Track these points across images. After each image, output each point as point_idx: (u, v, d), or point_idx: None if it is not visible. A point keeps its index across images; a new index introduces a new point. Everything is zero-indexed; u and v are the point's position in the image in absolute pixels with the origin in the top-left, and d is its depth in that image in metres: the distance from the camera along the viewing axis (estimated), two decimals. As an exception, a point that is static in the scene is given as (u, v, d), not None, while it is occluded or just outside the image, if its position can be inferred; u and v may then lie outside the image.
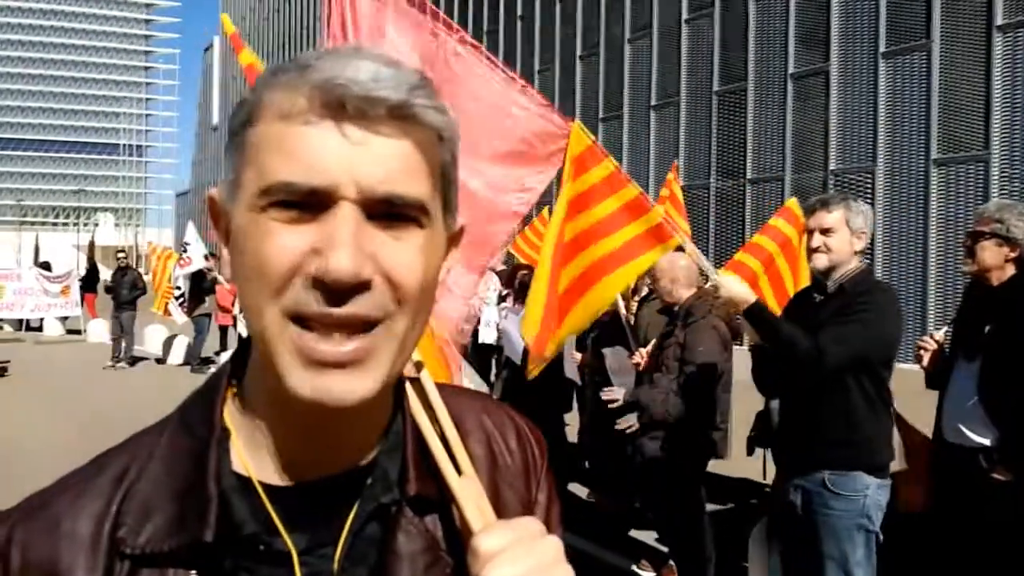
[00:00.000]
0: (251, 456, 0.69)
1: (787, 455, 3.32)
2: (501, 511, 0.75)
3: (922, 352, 3.53)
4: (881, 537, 3.11)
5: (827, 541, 3.07)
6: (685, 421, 4.12)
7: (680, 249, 3.82)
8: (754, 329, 3.12)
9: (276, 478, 0.69)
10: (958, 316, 3.51)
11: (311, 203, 0.62)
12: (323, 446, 0.69)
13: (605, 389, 4.58)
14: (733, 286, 3.10)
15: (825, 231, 3.11)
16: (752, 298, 3.07)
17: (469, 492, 0.71)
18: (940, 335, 3.60)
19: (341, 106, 0.62)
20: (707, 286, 3.25)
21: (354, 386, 0.62)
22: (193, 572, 0.65)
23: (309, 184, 0.61)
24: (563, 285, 3.68)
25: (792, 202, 5.68)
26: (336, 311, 0.61)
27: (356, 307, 0.61)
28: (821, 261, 3.12)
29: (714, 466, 4.43)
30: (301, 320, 0.62)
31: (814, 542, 3.11)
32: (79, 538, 0.66)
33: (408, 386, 0.76)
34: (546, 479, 0.84)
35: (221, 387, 0.72)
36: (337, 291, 0.60)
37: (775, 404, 4.03)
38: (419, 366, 0.76)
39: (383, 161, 0.63)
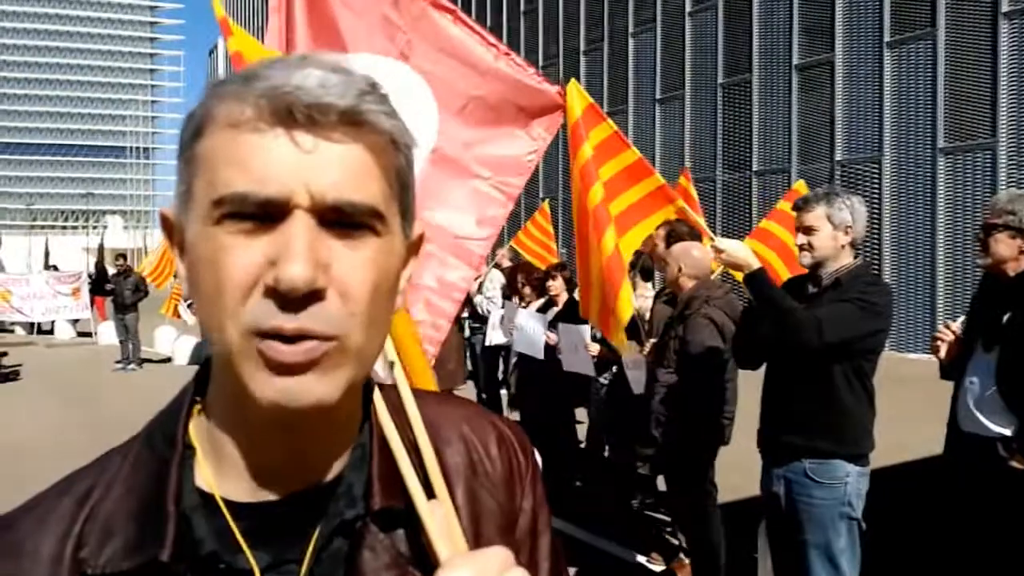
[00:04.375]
0: (216, 473, 0.69)
1: (768, 444, 3.35)
2: (481, 521, 0.75)
3: (939, 343, 3.51)
4: (864, 525, 3.15)
5: (810, 529, 3.13)
6: (693, 413, 4.12)
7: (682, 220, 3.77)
8: (753, 296, 3.16)
9: (241, 495, 0.68)
10: (973, 306, 3.49)
11: (264, 214, 0.61)
12: (287, 460, 0.69)
13: (646, 343, 4.57)
14: (736, 250, 3.13)
15: (806, 229, 3.18)
16: (755, 264, 3.10)
17: (438, 518, 0.69)
18: (956, 326, 3.57)
19: (290, 114, 0.61)
20: (708, 247, 3.27)
21: (313, 388, 0.62)
22: None
23: (262, 195, 0.61)
24: (607, 252, 3.53)
25: (800, 184, 5.70)
26: (287, 325, 0.60)
27: (307, 321, 0.61)
28: (805, 259, 3.21)
29: (724, 456, 4.42)
30: (259, 333, 0.62)
31: (798, 531, 3.16)
32: (41, 559, 0.67)
33: (377, 396, 0.75)
34: (532, 485, 0.82)
35: (185, 404, 0.72)
36: (291, 300, 0.60)
37: None
38: (391, 366, 0.75)
39: (334, 168, 0.62)
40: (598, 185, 3.48)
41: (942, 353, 3.48)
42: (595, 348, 5.42)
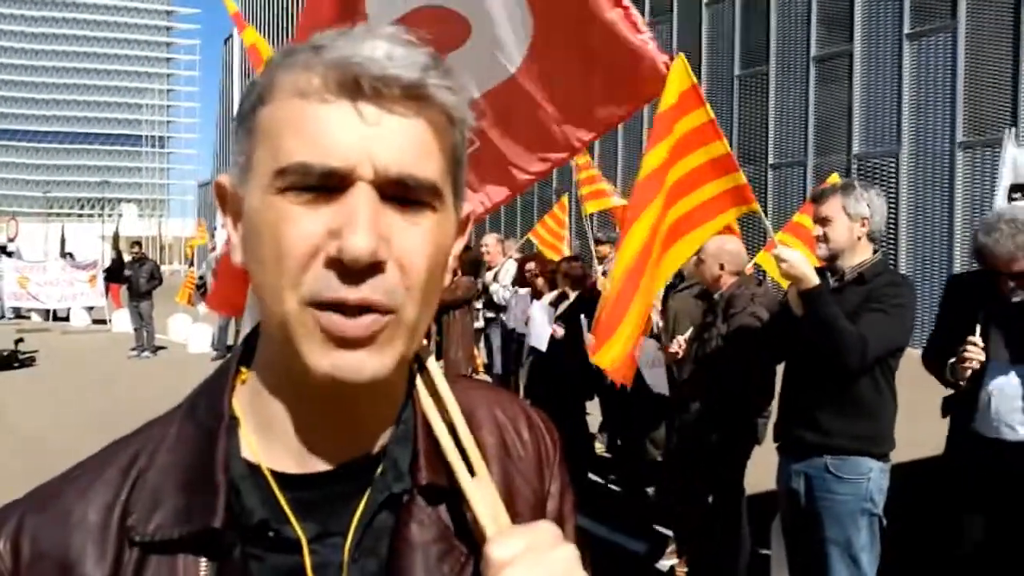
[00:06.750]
0: (261, 443, 0.70)
1: (788, 439, 3.30)
2: (514, 502, 0.75)
3: (967, 365, 3.15)
4: (884, 521, 3.10)
5: (831, 526, 3.08)
6: (734, 411, 4.06)
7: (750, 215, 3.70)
8: (807, 310, 3.01)
9: (286, 465, 0.69)
10: (993, 313, 3.38)
11: (327, 185, 0.62)
12: (334, 432, 0.69)
13: (675, 340, 4.52)
14: (799, 263, 2.99)
15: (822, 221, 3.14)
16: (815, 280, 2.98)
17: (482, 494, 0.70)
18: (979, 340, 3.42)
19: (356, 85, 0.62)
20: (772, 253, 3.19)
21: (368, 363, 0.63)
22: (203, 559, 0.65)
23: (326, 165, 0.61)
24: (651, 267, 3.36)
25: (834, 177, 5.68)
26: (350, 296, 0.61)
27: (370, 292, 0.61)
28: (821, 251, 3.17)
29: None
30: (319, 304, 0.62)
31: (818, 527, 3.12)
32: (88, 527, 0.67)
33: (418, 377, 0.76)
34: (559, 470, 0.84)
35: (230, 374, 0.72)
36: (353, 271, 0.61)
37: None
38: (425, 352, 0.76)
39: (398, 141, 0.63)
40: (675, 171, 3.25)
41: (968, 373, 3.18)
42: (591, 338, 5.36)
